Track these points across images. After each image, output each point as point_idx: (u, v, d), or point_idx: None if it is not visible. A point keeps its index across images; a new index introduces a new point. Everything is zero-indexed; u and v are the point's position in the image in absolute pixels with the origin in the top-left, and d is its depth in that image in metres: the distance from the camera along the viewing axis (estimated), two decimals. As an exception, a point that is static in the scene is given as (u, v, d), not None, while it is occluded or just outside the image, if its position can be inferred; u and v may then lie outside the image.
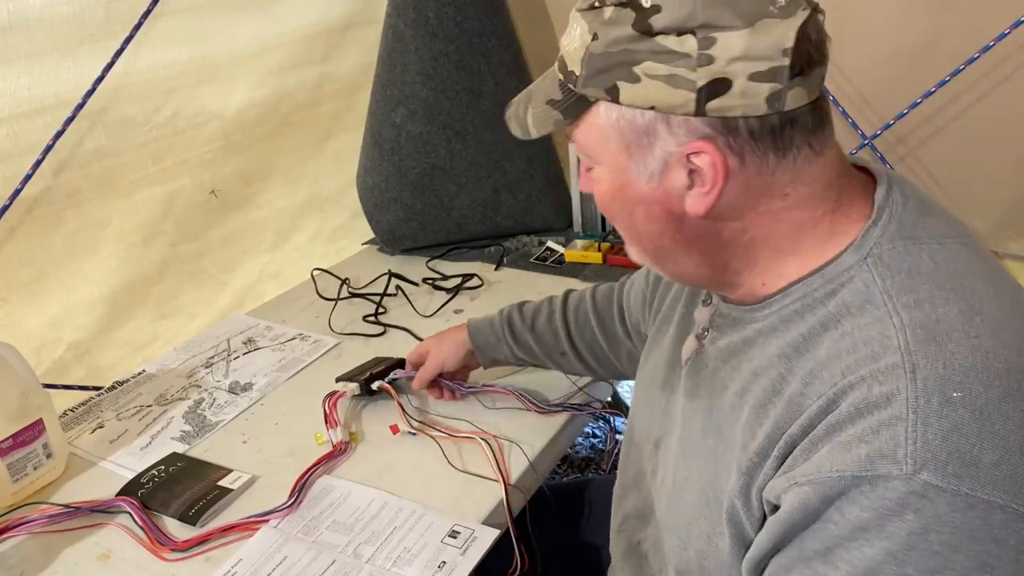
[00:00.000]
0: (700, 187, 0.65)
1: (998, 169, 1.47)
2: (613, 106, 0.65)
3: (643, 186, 0.67)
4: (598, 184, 0.72)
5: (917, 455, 0.55)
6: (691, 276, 0.75)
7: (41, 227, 1.34)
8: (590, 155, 0.71)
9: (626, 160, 0.67)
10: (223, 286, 1.71)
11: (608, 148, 0.68)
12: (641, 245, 0.74)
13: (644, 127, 0.65)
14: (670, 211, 0.68)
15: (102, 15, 1.33)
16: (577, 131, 0.70)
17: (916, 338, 0.59)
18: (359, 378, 1.20)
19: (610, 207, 0.72)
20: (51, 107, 1.30)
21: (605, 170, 0.70)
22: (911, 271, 0.63)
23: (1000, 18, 1.32)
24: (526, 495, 1.05)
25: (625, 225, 0.73)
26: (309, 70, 1.77)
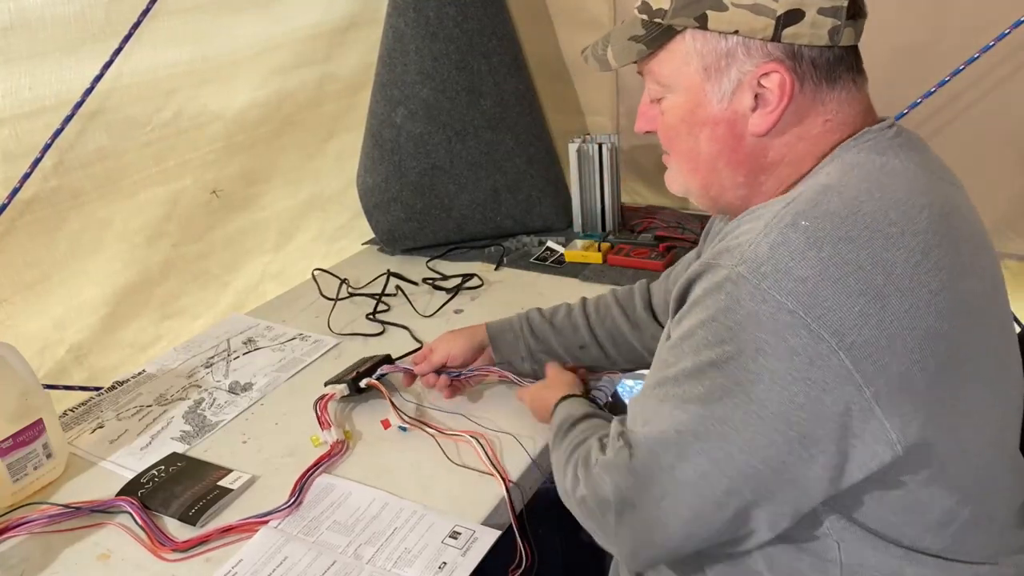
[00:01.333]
0: (764, 108, 0.76)
1: (998, 169, 1.47)
2: (699, 32, 0.76)
3: (714, 107, 0.78)
4: (667, 113, 0.82)
5: (746, 255, 0.68)
6: (728, 197, 0.84)
7: (44, 227, 1.35)
8: (666, 82, 0.81)
9: (702, 82, 0.78)
10: (225, 286, 1.71)
11: (686, 72, 0.78)
12: (695, 168, 0.83)
13: (725, 50, 0.76)
14: (733, 131, 0.79)
15: (103, 15, 1.33)
16: (654, 61, 0.80)
17: (810, 193, 0.71)
18: (347, 378, 1.20)
19: (677, 131, 0.82)
20: (53, 107, 1.30)
21: (678, 95, 0.80)
22: (847, 167, 0.75)
23: (1000, 18, 1.32)
24: (527, 492, 1.05)
25: (686, 149, 0.83)
26: (310, 70, 1.78)
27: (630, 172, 1.95)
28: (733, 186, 0.82)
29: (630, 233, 1.78)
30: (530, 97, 1.76)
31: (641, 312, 1.18)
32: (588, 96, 1.97)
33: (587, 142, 1.75)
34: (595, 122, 1.99)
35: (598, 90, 1.95)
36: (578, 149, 1.75)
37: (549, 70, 1.93)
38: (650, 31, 0.79)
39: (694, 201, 0.89)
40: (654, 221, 1.82)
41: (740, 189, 0.82)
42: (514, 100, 1.71)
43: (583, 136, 1.77)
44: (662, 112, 0.83)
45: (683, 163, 0.84)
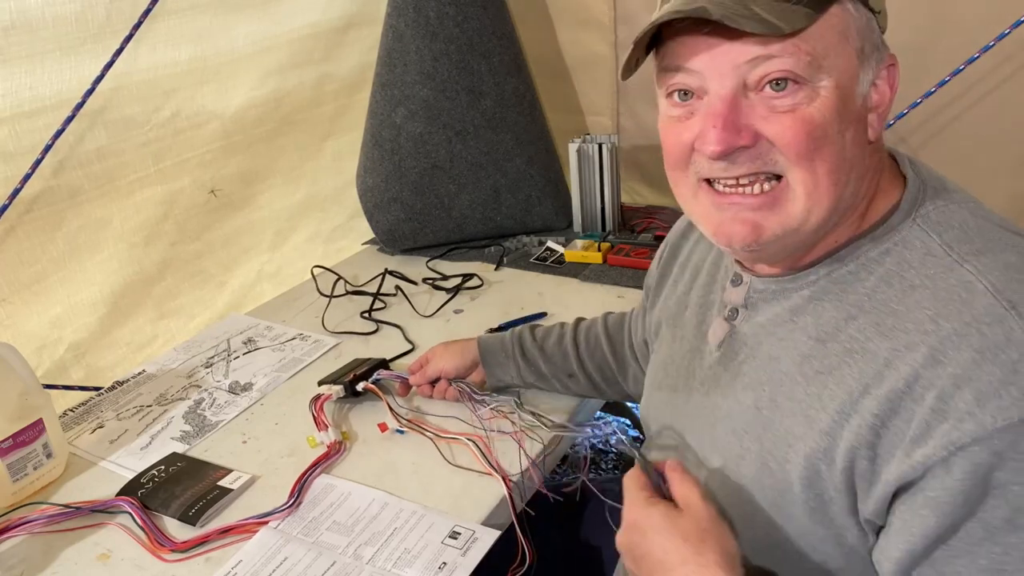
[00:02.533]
0: (878, 108, 0.66)
1: (998, 169, 1.47)
2: (860, 6, 0.64)
3: (857, 101, 0.65)
4: (815, 102, 0.63)
5: None
6: (835, 219, 0.68)
7: (42, 227, 1.35)
8: (820, 62, 0.63)
9: (857, 66, 0.64)
10: (222, 286, 1.71)
11: (846, 51, 0.64)
12: (836, 182, 0.65)
13: (876, 34, 0.65)
14: (864, 133, 0.67)
15: (103, 14, 1.33)
16: (810, 32, 0.62)
17: (998, 280, 0.61)
18: (343, 380, 1.21)
19: (824, 132, 0.64)
20: (53, 107, 1.30)
21: (833, 80, 0.63)
22: (962, 226, 0.66)
23: (1000, 18, 1.32)
24: (527, 493, 1.05)
25: (832, 155, 0.64)
26: (309, 70, 1.78)
27: (630, 172, 1.95)
28: (845, 207, 0.67)
29: (630, 233, 1.78)
30: (530, 97, 1.76)
31: (626, 350, 1.13)
32: (588, 96, 1.97)
33: (587, 142, 1.75)
34: (595, 122, 1.99)
35: (598, 90, 1.95)
36: (578, 149, 1.75)
37: (549, 70, 1.93)
38: None
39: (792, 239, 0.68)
40: (654, 221, 1.82)
41: (837, 216, 0.67)
42: (514, 100, 1.71)
43: (583, 136, 1.77)
44: (807, 102, 0.63)
45: (824, 176, 0.64)
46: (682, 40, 0.66)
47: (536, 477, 1.05)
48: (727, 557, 0.65)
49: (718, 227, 0.70)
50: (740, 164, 0.66)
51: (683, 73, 0.67)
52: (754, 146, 0.65)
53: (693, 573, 0.65)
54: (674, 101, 0.70)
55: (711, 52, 0.64)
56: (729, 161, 0.66)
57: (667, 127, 0.72)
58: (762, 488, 0.72)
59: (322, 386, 1.22)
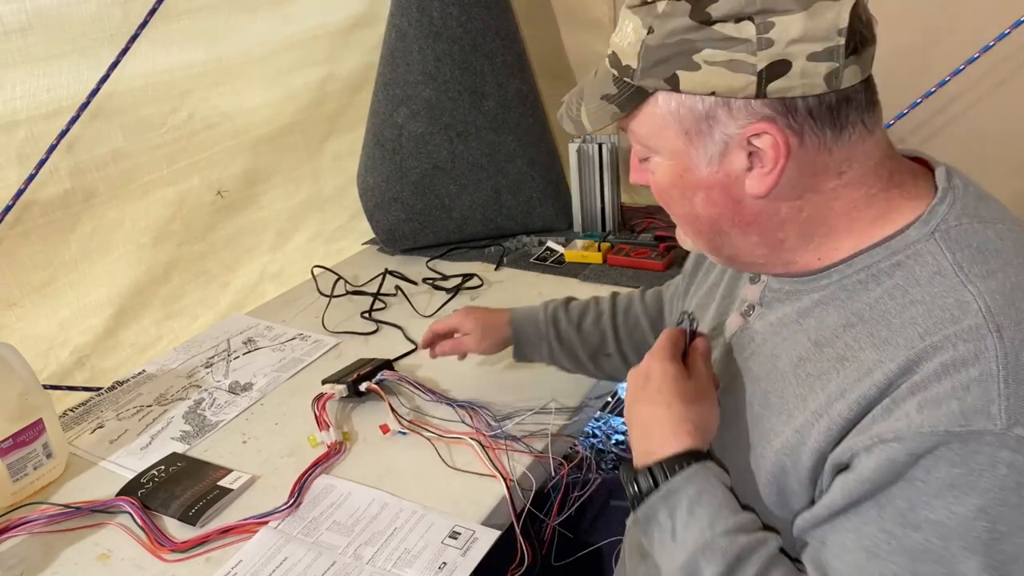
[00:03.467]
0: (760, 168, 0.67)
1: (998, 169, 1.46)
2: (673, 95, 0.67)
3: (703, 171, 0.70)
4: (655, 174, 0.73)
5: (1011, 410, 0.57)
6: (747, 258, 0.75)
7: (56, 229, 1.35)
8: (647, 145, 0.72)
9: (685, 146, 0.69)
10: (225, 287, 1.71)
11: (667, 136, 0.70)
12: (699, 231, 0.75)
13: (704, 113, 0.67)
14: (730, 194, 0.70)
15: (119, 15, 1.33)
16: (634, 122, 0.71)
17: (995, 303, 0.62)
18: (346, 380, 1.21)
19: (668, 195, 0.74)
20: (69, 108, 1.30)
21: (663, 159, 0.71)
22: (980, 246, 0.66)
23: (1000, 18, 1.32)
24: (528, 492, 1.05)
25: (683, 212, 0.74)
26: (313, 70, 1.78)
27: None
28: (748, 247, 0.73)
29: (630, 233, 1.78)
30: (532, 98, 1.76)
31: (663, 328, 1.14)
32: (588, 96, 1.97)
33: (587, 142, 1.75)
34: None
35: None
36: (578, 149, 1.75)
37: (550, 70, 1.93)
38: (622, 90, 0.70)
39: (732, 265, 0.80)
40: (654, 221, 1.82)
41: (759, 248, 0.73)
42: (516, 101, 1.71)
43: (583, 136, 1.77)
44: (651, 172, 0.74)
45: (684, 226, 0.76)
46: None
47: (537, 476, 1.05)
48: (701, 431, 0.75)
49: None
50: None
51: None
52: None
53: (668, 424, 0.75)
54: None
55: None
56: None
57: None
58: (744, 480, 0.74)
59: (325, 385, 1.22)
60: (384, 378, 1.22)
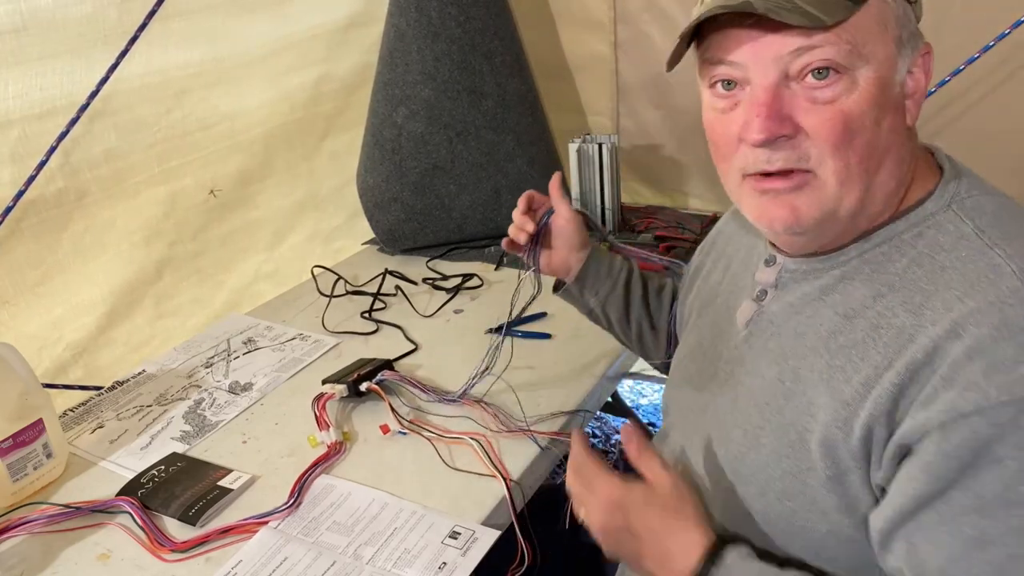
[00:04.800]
0: (915, 94, 0.67)
1: (998, 169, 1.46)
2: None
3: (895, 88, 0.67)
4: (854, 92, 0.65)
5: None
6: (872, 202, 0.70)
7: (50, 228, 1.35)
8: (860, 51, 0.64)
9: (895, 55, 0.66)
10: (220, 286, 1.71)
11: (884, 39, 0.65)
12: (869, 170, 0.68)
13: (913, 23, 0.66)
14: (902, 120, 0.68)
15: (115, 16, 1.33)
16: (852, 20, 0.64)
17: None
18: (346, 380, 1.21)
19: (862, 121, 0.66)
20: (63, 108, 1.30)
21: (871, 70, 0.65)
22: (995, 213, 0.67)
23: (1000, 18, 1.32)
24: (528, 491, 1.05)
25: (865, 144, 0.66)
26: (311, 70, 1.78)
27: (630, 172, 1.95)
28: (883, 193, 0.69)
29: (630, 233, 1.78)
30: (532, 98, 1.76)
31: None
32: (588, 96, 1.97)
33: (587, 142, 1.75)
34: (595, 122, 1.99)
35: (598, 90, 1.95)
36: (578, 149, 1.75)
37: (549, 70, 1.93)
38: None
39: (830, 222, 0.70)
40: (654, 221, 1.82)
41: (875, 206, 0.69)
42: (516, 101, 1.71)
43: (583, 136, 1.77)
44: (847, 92, 0.65)
45: (856, 165, 0.66)
46: (725, 32, 0.68)
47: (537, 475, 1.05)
48: (701, 517, 0.72)
49: (761, 212, 0.72)
50: (779, 155, 0.68)
51: (726, 65, 0.69)
52: (795, 137, 0.67)
53: (680, 534, 0.71)
54: (718, 92, 0.71)
55: (754, 44, 0.66)
56: (771, 149, 0.67)
57: (712, 120, 0.73)
58: (779, 458, 0.73)
59: (325, 385, 1.22)
60: (384, 378, 1.22)
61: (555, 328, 1.41)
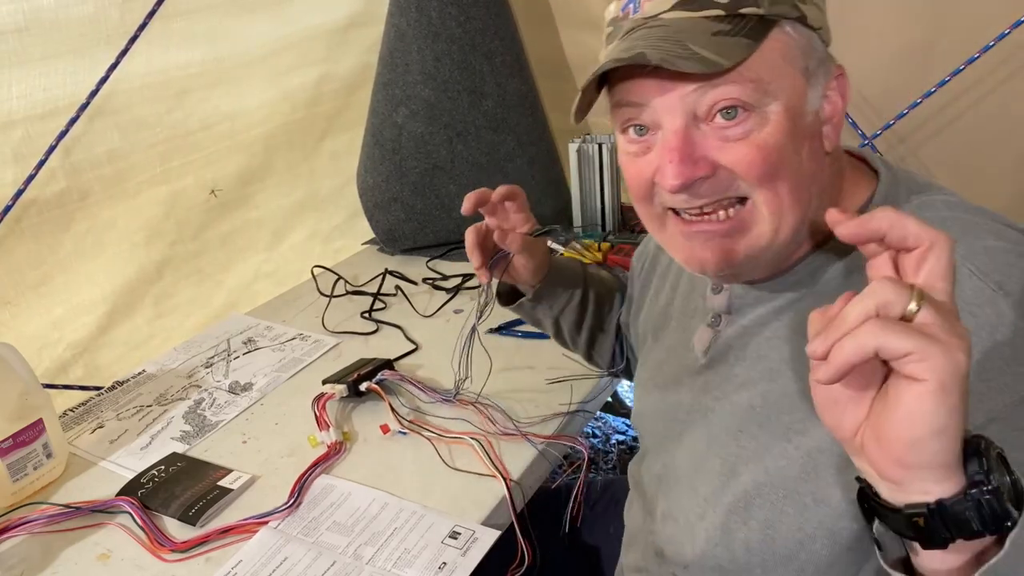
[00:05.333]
0: (832, 118, 0.67)
1: (998, 169, 1.47)
2: (798, 26, 0.64)
3: (809, 117, 0.66)
4: (766, 127, 0.64)
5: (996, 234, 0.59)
6: (805, 230, 0.69)
7: (51, 229, 1.35)
8: (766, 87, 0.63)
9: (804, 86, 0.65)
10: (219, 286, 1.71)
11: (790, 72, 0.64)
12: (799, 198, 0.66)
13: (819, 51, 0.65)
14: (821, 147, 0.67)
15: (117, 16, 1.33)
16: (754, 58, 0.63)
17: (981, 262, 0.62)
18: (346, 380, 1.21)
19: (781, 153, 0.64)
20: (66, 109, 1.30)
21: (780, 103, 0.64)
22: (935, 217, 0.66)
23: (1000, 18, 1.32)
24: (528, 491, 1.05)
25: (791, 175, 0.65)
26: (311, 70, 1.78)
27: (630, 172, 1.95)
28: (811, 219, 0.68)
29: (630, 233, 1.78)
30: (532, 98, 1.76)
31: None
32: (588, 96, 1.97)
33: (587, 142, 1.75)
34: (595, 122, 1.99)
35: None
36: (578, 149, 1.75)
37: (549, 69, 1.93)
38: (741, 23, 0.63)
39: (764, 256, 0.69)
40: (654, 221, 1.82)
41: (806, 227, 0.68)
42: (516, 101, 1.71)
43: (583, 136, 1.77)
44: (759, 127, 0.64)
45: (787, 195, 0.65)
46: (630, 80, 0.67)
47: (537, 475, 1.05)
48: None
49: (689, 255, 0.71)
50: (702, 194, 0.66)
51: (634, 108, 0.68)
52: (714, 175, 0.65)
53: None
54: (630, 137, 0.71)
55: (659, 89, 0.65)
56: (691, 193, 0.66)
57: (626, 163, 0.73)
58: (758, 485, 0.72)
59: (326, 385, 1.22)
60: (384, 378, 1.22)
61: (555, 328, 1.41)
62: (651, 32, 0.65)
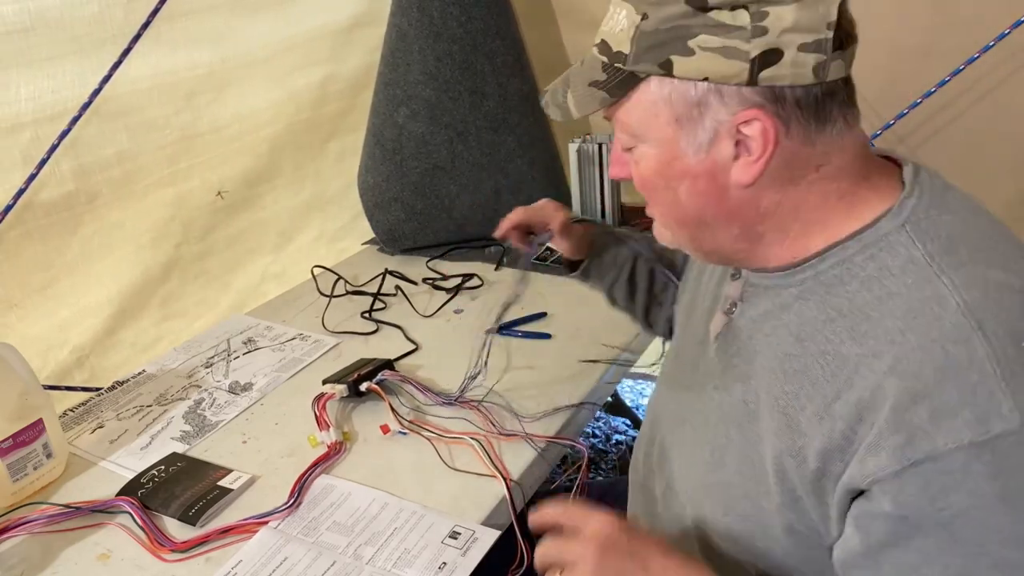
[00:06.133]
0: (747, 156, 0.68)
1: (998, 169, 1.47)
2: (666, 80, 0.68)
3: (690, 159, 0.70)
4: (640, 163, 0.73)
5: (1020, 405, 0.57)
6: (726, 251, 0.76)
7: (59, 231, 1.35)
8: (635, 133, 0.72)
9: (675, 132, 0.69)
10: (226, 287, 1.71)
11: (657, 123, 0.70)
12: (682, 223, 0.75)
13: (696, 99, 0.67)
14: (715, 183, 0.70)
15: (121, 16, 1.33)
16: (623, 110, 0.72)
17: (972, 297, 0.62)
18: (347, 379, 1.21)
19: (653, 185, 0.74)
20: (75, 111, 1.30)
21: (650, 147, 0.71)
22: (949, 236, 0.67)
23: (1000, 18, 1.32)
24: (528, 492, 1.05)
25: (666, 203, 0.74)
26: (316, 71, 1.78)
27: (630, 172, 1.95)
28: (729, 239, 0.74)
29: (630, 233, 1.78)
30: (533, 98, 1.76)
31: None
32: (588, 96, 1.97)
33: (587, 142, 1.75)
34: (595, 122, 1.99)
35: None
36: (578, 149, 1.75)
37: (550, 70, 1.92)
38: (612, 76, 0.70)
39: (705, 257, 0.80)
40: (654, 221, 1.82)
41: (738, 243, 0.74)
42: (517, 101, 1.71)
43: (583, 136, 1.77)
44: (635, 162, 0.74)
45: (666, 217, 0.76)
46: None
47: (537, 475, 1.05)
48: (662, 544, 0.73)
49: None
50: None
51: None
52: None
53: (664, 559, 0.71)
54: None
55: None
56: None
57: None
58: (742, 479, 0.74)
59: (326, 385, 1.22)
60: (385, 378, 1.22)
61: (555, 328, 1.41)
62: (570, 70, 0.78)
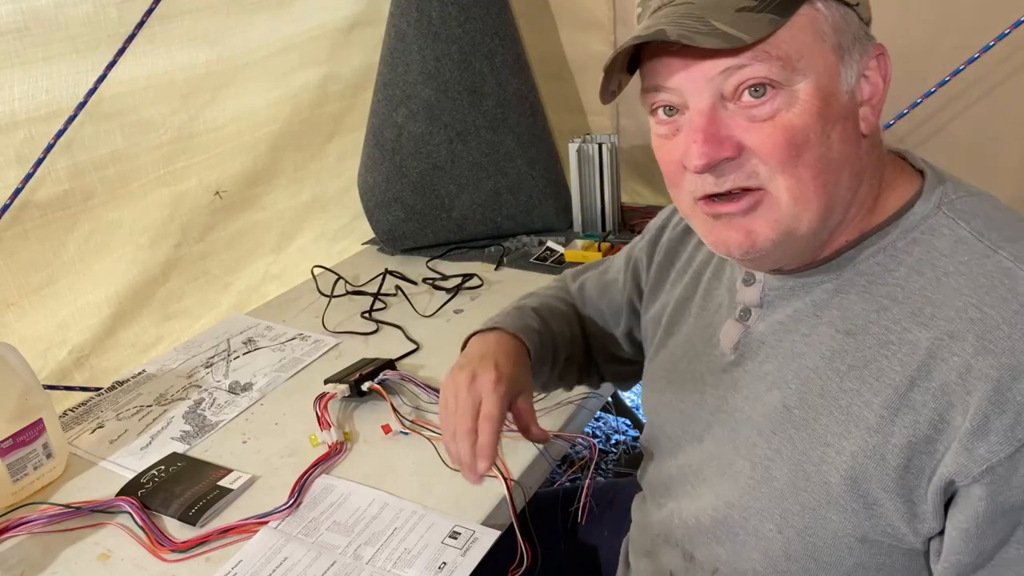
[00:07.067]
0: (871, 99, 0.65)
1: (998, 169, 1.47)
2: (831, 1, 0.62)
3: (843, 98, 0.64)
4: (795, 107, 0.62)
5: None
6: (836, 216, 0.67)
7: (55, 231, 1.35)
8: (795, 65, 0.62)
9: (836, 63, 0.63)
10: (227, 288, 1.71)
11: (821, 50, 0.62)
12: (826, 185, 0.64)
13: (856, 26, 0.63)
14: (857, 129, 0.65)
15: (115, 16, 1.33)
16: (782, 34, 0.61)
17: None
18: (348, 379, 1.21)
19: (806, 135, 0.63)
20: (69, 110, 1.30)
21: (810, 82, 0.62)
22: (987, 215, 0.65)
23: (1000, 18, 1.32)
24: (528, 491, 1.05)
25: (816, 158, 0.63)
26: (315, 71, 1.78)
27: (630, 172, 1.95)
28: (842, 206, 0.66)
29: (630, 233, 1.78)
30: (532, 98, 1.76)
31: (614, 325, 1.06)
32: (588, 96, 1.97)
33: (587, 142, 1.75)
34: (595, 122, 1.99)
35: (598, 90, 1.94)
36: (578, 149, 1.75)
37: (549, 69, 1.93)
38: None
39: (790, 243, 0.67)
40: (654, 221, 1.82)
41: (849, 210, 0.66)
42: (516, 101, 1.71)
43: (583, 136, 1.77)
44: (786, 107, 0.62)
45: (810, 181, 0.64)
46: (658, 59, 0.66)
47: (538, 475, 1.05)
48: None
49: (716, 237, 0.70)
50: (727, 177, 0.66)
51: (663, 92, 0.67)
52: (739, 157, 0.64)
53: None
54: (659, 118, 0.70)
55: (685, 68, 0.64)
56: (716, 175, 0.66)
57: (658, 146, 0.72)
58: (796, 490, 0.69)
59: (328, 384, 1.22)
60: (386, 378, 1.22)
61: (555, 328, 1.41)
62: (676, 10, 0.64)
